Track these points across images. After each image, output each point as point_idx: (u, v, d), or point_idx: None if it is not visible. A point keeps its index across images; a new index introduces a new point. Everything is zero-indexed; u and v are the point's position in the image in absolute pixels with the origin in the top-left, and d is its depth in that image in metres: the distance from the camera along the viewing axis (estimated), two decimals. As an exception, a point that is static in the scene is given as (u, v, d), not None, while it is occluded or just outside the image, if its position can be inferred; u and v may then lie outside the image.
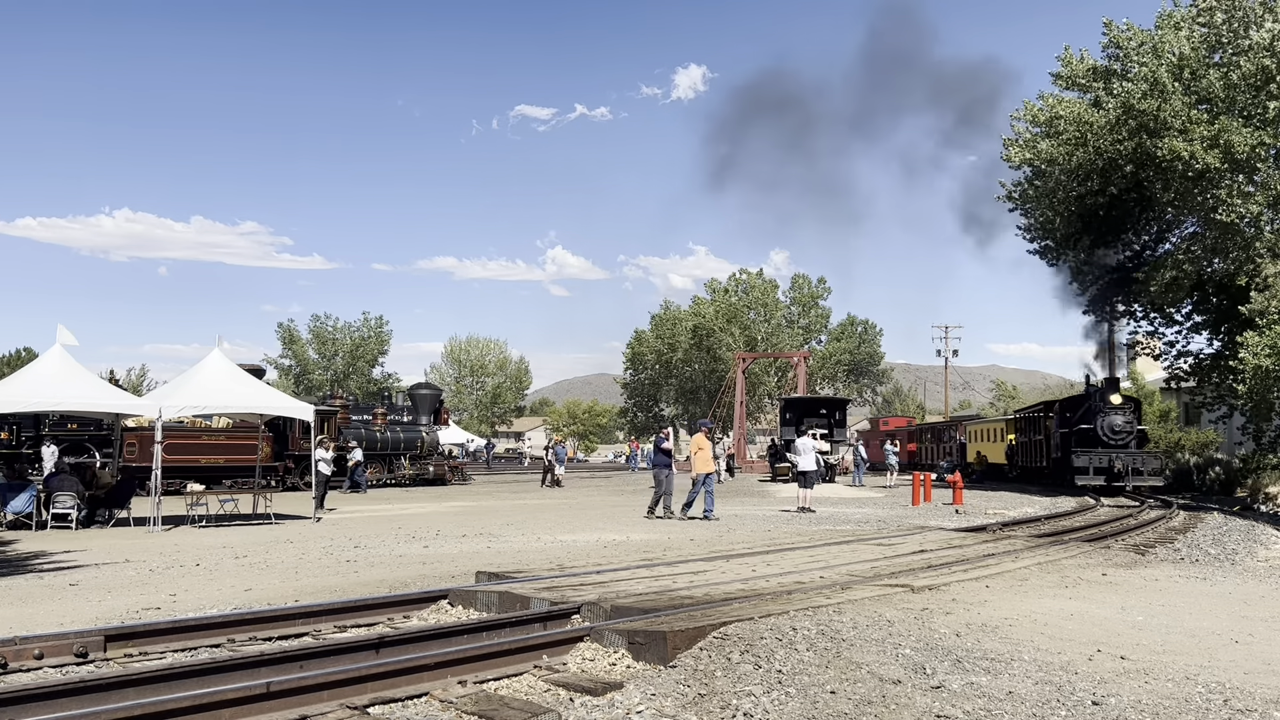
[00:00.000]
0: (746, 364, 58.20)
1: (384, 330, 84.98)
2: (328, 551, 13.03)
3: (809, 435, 24.64)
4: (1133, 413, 28.88)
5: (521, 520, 18.36)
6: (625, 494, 28.62)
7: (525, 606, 7.81)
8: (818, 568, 9.97)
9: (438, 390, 43.76)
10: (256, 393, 18.63)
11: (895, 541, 12.85)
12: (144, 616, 8.03)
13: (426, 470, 35.42)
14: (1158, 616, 7.78)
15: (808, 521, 18.45)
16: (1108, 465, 27.19)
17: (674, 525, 17.05)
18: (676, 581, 8.83)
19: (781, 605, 7.45)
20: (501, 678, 6.13)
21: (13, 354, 70.52)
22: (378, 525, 17.30)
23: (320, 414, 24.87)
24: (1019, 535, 15.25)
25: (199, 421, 25.83)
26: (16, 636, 6.61)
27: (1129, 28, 25.03)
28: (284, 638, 7.43)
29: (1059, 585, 9.25)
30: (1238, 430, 30.02)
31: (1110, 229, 28.16)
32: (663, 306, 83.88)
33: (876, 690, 5.43)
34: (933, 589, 8.57)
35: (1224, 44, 23.17)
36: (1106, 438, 27.87)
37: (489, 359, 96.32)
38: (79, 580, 10.33)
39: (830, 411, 37.58)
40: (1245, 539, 16.29)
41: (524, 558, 11.98)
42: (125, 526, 17.09)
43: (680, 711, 5.36)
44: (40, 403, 16.62)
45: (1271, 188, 22.50)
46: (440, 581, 9.74)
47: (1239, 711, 5.11)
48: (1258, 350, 21.03)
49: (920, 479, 25.28)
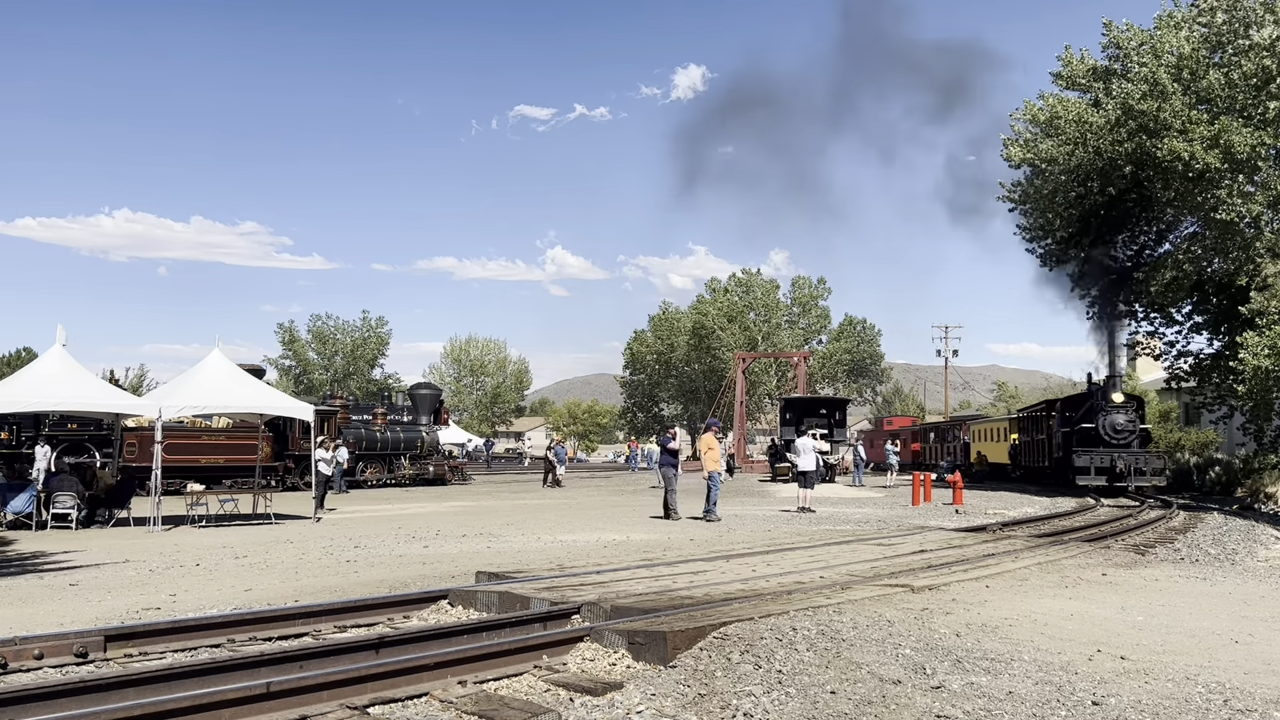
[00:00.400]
0: (746, 364, 58.16)
1: (383, 330, 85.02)
2: (328, 551, 13.03)
3: (809, 435, 24.64)
4: (1135, 412, 28.67)
5: (521, 520, 18.36)
6: (625, 494, 28.61)
7: (525, 606, 7.80)
8: (818, 568, 9.97)
9: (438, 390, 43.75)
10: (256, 393, 18.63)
11: (895, 541, 12.85)
12: (144, 616, 8.03)
13: (426, 470, 35.42)
14: (1158, 616, 7.78)
15: (808, 521, 18.45)
16: (1109, 465, 26.99)
17: (674, 525, 17.05)
18: (676, 581, 8.83)
19: (781, 605, 7.45)
20: (501, 678, 6.13)
21: (13, 354, 70.51)
22: (378, 525, 17.30)
23: (320, 414, 24.87)
24: (1019, 535, 15.25)
25: (199, 421, 25.84)
26: (16, 636, 6.61)
27: (1129, 28, 25.03)
28: (284, 638, 7.43)
29: (1059, 585, 9.25)
30: (1238, 430, 30.00)
31: (1110, 229, 28.16)
32: (661, 307, 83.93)
33: (876, 690, 5.43)
34: (933, 589, 8.57)
35: (1224, 44, 23.16)
36: (1108, 437, 27.68)
37: (489, 359, 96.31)
38: (79, 580, 10.33)
39: (830, 411, 37.57)
40: (1245, 539, 16.29)
41: (524, 558, 11.98)
42: (125, 526, 17.09)
43: (680, 711, 5.36)
44: (40, 403, 16.62)
45: (1271, 188, 22.50)
46: (440, 581, 9.74)
47: (1239, 711, 5.11)
48: (1257, 350, 21.03)
49: (920, 479, 25.28)
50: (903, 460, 48.37)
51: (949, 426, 51.94)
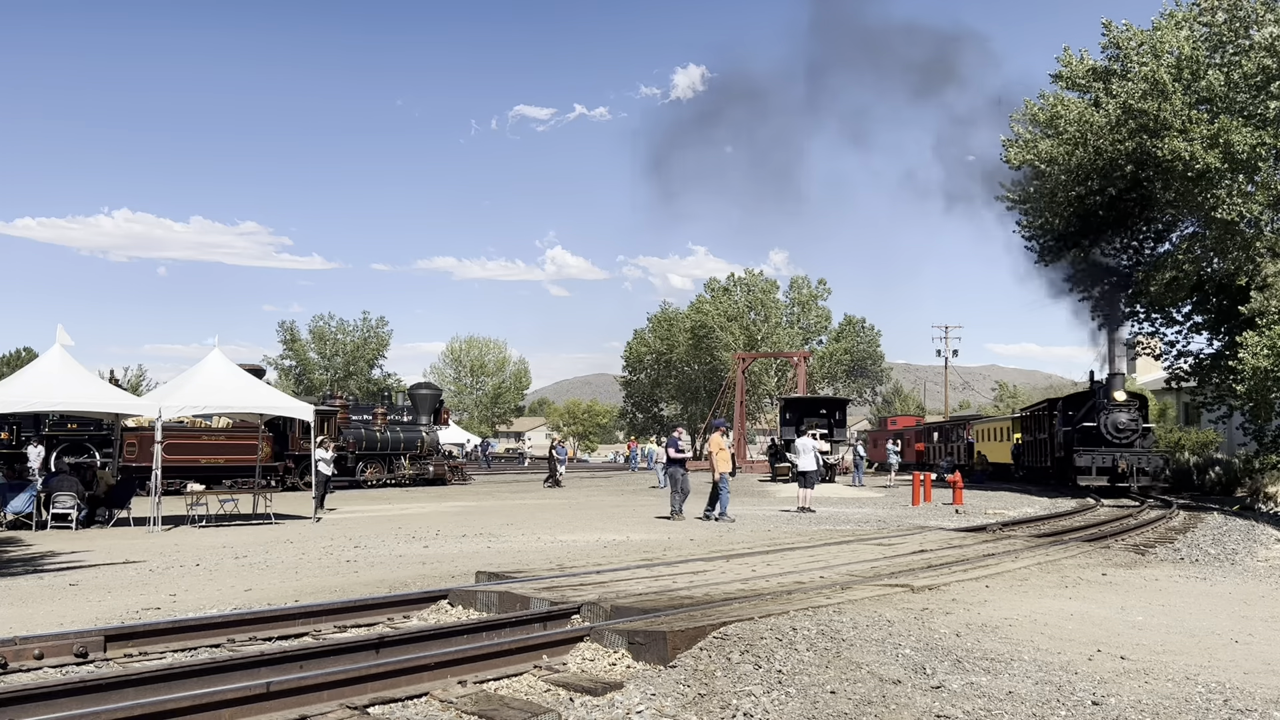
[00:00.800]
0: (746, 364, 58.16)
1: (384, 331, 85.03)
2: (328, 551, 13.03)
3: (809, 435, 24.65)
4: (1137, 410, 28.29)
5: (521, 520, 18.36)
6: (625, 494, 28.60)
7: (525, 606, 7.80)
8: (818, 568, 9.97)
9: (438, 390, 43.73)
10: (256, 393, 18.64)
11: (895, 541, 12.85)
12: (144, 616, 8.03)
13: (426, 470, 35.43)
14: (1157, 616, 7.78)
15: (808, 521, 18.45)
16: (1111, 465, 26.69)
17: (674, 525, 17.05)
18: (676, 581, 8.83)
19: (781, 605, 7.45)
20: (501, 678, 6.13)
21: (13, 354, 70.55)
22: (378, 525, 17.30)
23: (320, 414, 24.87)
24: (1019, 535, 15.25)
25: (199, 421, 25.84)
26: (16, 636, 6.61)
27: (1128, 28, 25.03)
28: (284, 638, 7.43)
29: (1059, 585, 9.25)
30: (1237, 430, 29.98)
31: (1110, 229, 28.14)
32: (662, 307, 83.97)
33: (876, 690, 5.43)
34: (933, 589, 8.57)
35: (1225, 43, 23.17)
36: (1111, 436, 27.40)
37: (489, 359, 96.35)
38: (79, 580, 10.33)
39: (830, 411, 37.56)
40: (1245, 539, 16.28)
41: (524, 558, 11.98)
42: (125, 526, 17.09)
43: (680, 711, 5.36)
44: (40, 403, 16.63)
45: (1271, 188, 22.51)
46: (440, 581, 9.74)
47: (1239, 711, 5.11)
48: (1257, 350, 21.03)
49: (920, 479, 25.27)
50: (905, 460, 48.23)
51: (952, 426, 51.68)
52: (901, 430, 56.22)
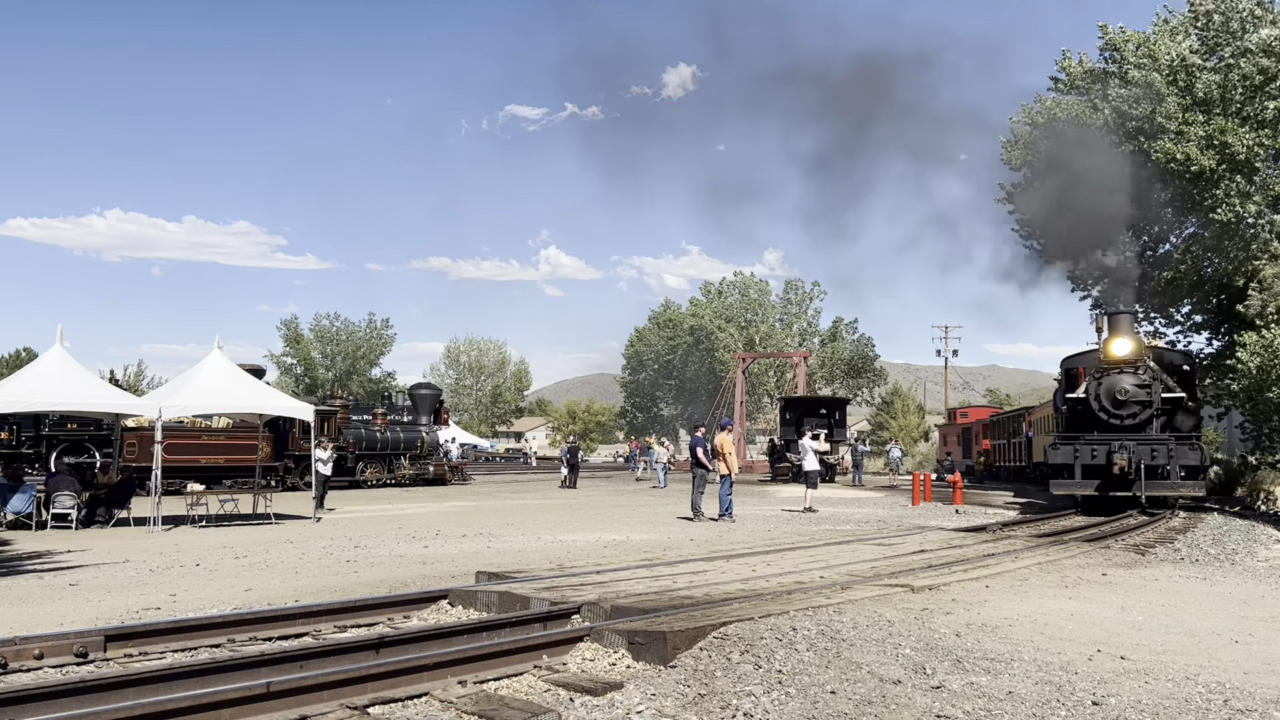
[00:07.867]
0: (746, 364, 58.14)
1: (388, 333, 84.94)
2: (328, 551, 13.02)
3: (810, 435, 24.67)
4: (1151, 375, 19.75)
5: (521, 520, 18.35)
6: (625, 494, 28.60)
7: (525, 606, 7.80)
8: (818, 568, 9.97)
9: (438, 390, 43.71)
10: (256, 393, 18.63)
11: (895, 541, 12.85)
12: (144, 616, 8.03)
13: (426, 470, 35.43)
14: (1158, 616, 7.78)
15: (808, 521, 18.45)
16: (1104, 462, 25.56)
17: (674, 525, 17.06)
18: (676, 581, 8.82)
19: (781, 605, 7.45)
20: (501, 678, 6.13)
21: (13, 354, 70.51)
22: (378, 525, 17.29)
23: (320, 414, 24.86)
24: (1019, 535, 15.26)
25: (199, 421, 25.82)
26: (16, 636, 6.61)
27: (1123, 31, 25.08)
28: (284, 638, 7.43)
29: (1059, 585, 9.25)
30: (1237, 430, 29.97)
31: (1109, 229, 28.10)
32: (663, 305, 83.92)
33: (876, 690, 5.43)
34: (933, 589, 8.57)
35: (1221, 45, 23.20)
36: (1106, 413, 25.84)
37: (488, 359, 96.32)
38: (79, 580, 10.33)
39: (830, 411, 37.60)
40: (1245, 539, 16.28)
41: (524, 558, 11.98)
42: (125, 526, 17.08)
43: (680, 711, 5.36)
44: (40, 403, 16.62)
45: (1270, 188, 22.52)
46: (440, 581, 9.73)
47: (1239, 711, 5.11)
48: (1256, 350, 21.04)
49: (920, 479, 25.27)
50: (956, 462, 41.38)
51: (1012, 417, 39.77)
52: (972, 424, 45.72)
